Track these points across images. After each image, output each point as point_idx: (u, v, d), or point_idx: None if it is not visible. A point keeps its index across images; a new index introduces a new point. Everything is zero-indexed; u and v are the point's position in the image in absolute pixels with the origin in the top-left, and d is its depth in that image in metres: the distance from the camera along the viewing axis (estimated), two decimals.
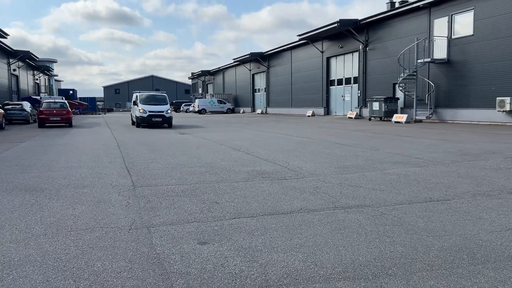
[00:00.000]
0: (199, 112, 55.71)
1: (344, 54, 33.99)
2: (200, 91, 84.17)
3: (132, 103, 26.00)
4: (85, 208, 5.64)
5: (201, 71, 77.00)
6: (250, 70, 56.06)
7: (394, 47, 27.16)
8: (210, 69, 74.24)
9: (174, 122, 26.33)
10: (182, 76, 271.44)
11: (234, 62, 58.53)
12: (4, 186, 7.13)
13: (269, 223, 4.93)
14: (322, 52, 36.84)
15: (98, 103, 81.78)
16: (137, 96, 24.84)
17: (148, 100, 24.31)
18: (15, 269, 3.62)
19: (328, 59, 36.54)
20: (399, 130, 18.64)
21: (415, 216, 5.13)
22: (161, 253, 4.00)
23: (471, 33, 21.72)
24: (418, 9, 25.02)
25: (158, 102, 24.45)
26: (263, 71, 51.83)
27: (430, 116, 23.92)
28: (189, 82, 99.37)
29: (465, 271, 3.49)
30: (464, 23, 22.23)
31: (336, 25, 29.99)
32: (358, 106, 31.60)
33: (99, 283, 3.35)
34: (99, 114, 61.84)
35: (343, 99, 34.63)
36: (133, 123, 25.98)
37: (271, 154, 10.93)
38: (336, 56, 35.32)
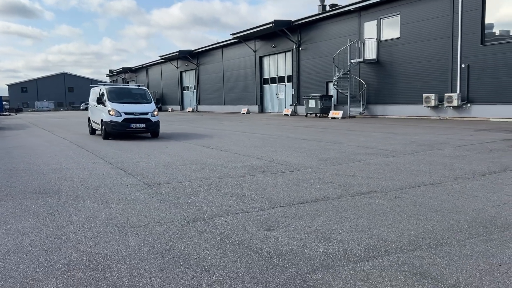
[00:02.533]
0: None
1: (277, 53, 35.24)
2: None
3: (93, 101, 17.30)
4: (122, 207, 5.72)
5: (122, 68, 74.23)
6: (177, 68, 55.42)
7: (326, 48, 28.86)
8: (132, 66, 71.97)
9: None
10: (90, 73, 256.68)
11: (161, 59, 57.43)
12: (7, 191, 6.81)
13: (308, 210, 5.46)
14: (255, 51, 37.79)
15: (4, 102, 74.99)
16: (103, 91, 15.99)
17: (121, 96, 15.77)
18: (119, 263, 3.78)
19: (261, 58, 37.58)
20: (341, 125, 20.05)
21: (424, 198, 5.99)
22: (240, 240, 4.37)
23: (398, 36, 23.94)
24: (349, 12, 26.89)
25: (136, 99, 16.11)
26: (192, 69, 51.57)
27: (363, 112, 25.93)
28: (107, 79, 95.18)
29: (498, 236, 4.34)
30: (392, 27, 24.41)
31: (271, 25, 31.04)
32: (293, 104, 33.03)
33: (212, 268, 3.67)
34: (8, 114, 56.96)
35: (277, 97, 35.92)
36: (92, 131, 17.59)
37: (247, 150, 11.39)
38: (269, 55, 36.47)
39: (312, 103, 27.85)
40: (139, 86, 17.15)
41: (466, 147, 10.94)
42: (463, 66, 20.66)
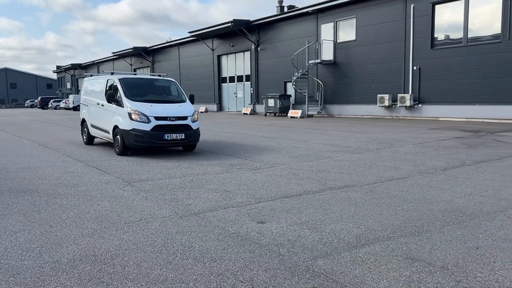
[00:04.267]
0: (74, 108, 51.99)
1: (235, 52, 35.40)
2: (68, 86, 78.18)
3: (91, 97, 12.15)
4: (109, 204, 5.72)
5: (71, 64, 71.61)
6: (131, 65, 54.15)
7: (285, 48, 29.40)
8: (82, 63, 69.53)
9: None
10: (32, 69, 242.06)
11: (114, 55, 55.89)
12: None
13: (293, 203, 5.73)
14: (213, 50, 37.75)
15: None
16: (114, 83, 10.69)
17: (142, 92, 10.70)
18: (125, 256, 3.85)
19: (219, 56, 37.59)
20: (302, 124, 20.58)
21: (396, 191, 6.44)
22: (237, 232, 4.55)
23: (354, 38, 24.86)
24: (306, 14, 27.55)
25: (164, 95, 11.23)
26: (147, 66, 50.62)
27: (320, 111, 26.70)
28: (54, 76, 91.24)
29: (470, 223, 4.81)
30: (348, 29, 25.31)
31: (230, 24, 31.17)
32: (252, 103, 33.36)
33: (219, 259, 3.83)
34: None
35: (236, 96, 36.11)
36: (89, 139, 12.42)
37: (217, 148, 11.52)
38: (227, 54, 36.56)
39: (271, 102, 28.29)
40: (160, 76, 11.92)
41: (423, 144, 11.67)
42: (414, 68, 21.83)
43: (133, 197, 6.09)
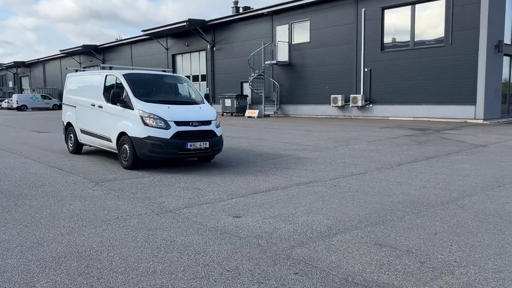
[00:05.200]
0: (19, 108, 49.52)
1: (191, 52, 35.24)
2: (10, 85, 74.29)
3: (78, 96, 10.16)
4: (82, 203, 5.71)
5: (14, 62, 68.12)
6: (80, 64, 52.30)
7: (241, 49, 29.67)
8: (26, 60, 66.32)
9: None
10: None
11: (61, 53, 53.78)
12: None
13: (264, 199, 5.98)
14: (167, 49, 37.33)
15: None
16: (118, 79, 8.75)
17: (153, 91, 9.07)
18: (110, 252, 3.94)
19: (174, 56, 37.24)
20: (260, 123, 20.93)
21: (358, 185, 6.87)
22: (215, 226, 4.74)
23: (308, 40, 25.58)
24: (262, 15, 27.97)
25: (179, 95, 9.55)
26: (97, 65, 49.13)
27: (277, 111, 27.21)
28: None
29: (427, 213, 5.28)
30: (302, 31, 25.99)
31: (185, 24, 30.99)
32: (208, 103, 33.33)
33: (203, 251, 4.01)
34: None
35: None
36: (77, 147, 10.35)
37: None
38: (182, 53, 36.31)
39: (228, 102, 28.47)
40: (166, 71, 10.08)
41: (377, 142, 12.33)
42: (365, 70, 22.81)
43: (104, 196, 6.10)
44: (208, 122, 8.35)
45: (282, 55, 26.78)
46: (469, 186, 6.65)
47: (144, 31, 36.08)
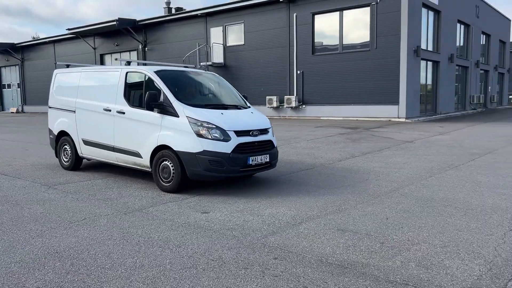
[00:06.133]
0: None
1: (121, 52, 34.20)
2: None
3: (86, 99, 7.98)
4: (41, 206, 5.58)
5: None
6: None
7: (174, 49, 29.44)
8: None
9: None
10: None
11: None
12: None
13: (227, 195, 6.25)
14: (94, 48, 35.90)
15: None
16: (136, 77, 7.29)
17: (194, 94, 7.61)
18: (90, 250, 3.99)
19: (102, 56, 35.91)
20: None
21: (309, 179, 7.35)
22: (187, 222, 4.93)
23: (243, 42, 26.09)
24: (196, 17, 27.99)
25: (221, 98, 7.86)
26: (15, 65, 45.86)
27: None
28: None
29: (375, 201, 5.87)
30: (237, 34, 26.43)
31: (115, 23, 30.07)
32: None
33: (182, 245, 4.20)
34: None
35: None
36: (76, 162, 8.32)
37: None
38: (111, 53, 35.11)
39: None
40: (188, 67, 8.55)
41: (315, 140, 13.06)
42: (298, 72, 23.80)
43: (63, 199, 5.99)
44: (266, 131, 6.96)
45: (217, 56, 27.03)
46: (405, 177, 7.42)
47: (69, 29, 34.41)
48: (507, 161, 8.82)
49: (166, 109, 6.53)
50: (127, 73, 7.29)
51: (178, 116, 6.40)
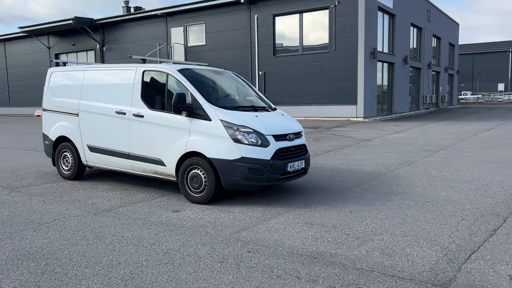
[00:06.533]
0: None
1: (77, 51, 33.24)
2: None
3: (91, 100, 7.17)
4: (6, 210, 5.49)
5: None
6: None
7: (134, 49, 28.91)
8: None
9: None
10: None
11: None
12: None
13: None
14: (49, 48, 34.69)
15: None
16: (157, 77, 6.56)
17: (221, 93, 6.90)
18: (64, 250, 4.00)
19: (57, 55, 34.71)
20: None
21: None
22: (158, 220, 5.00)
23: (204, 43, 26.08)
24: (156, 16, 27.68)
25: (248, 99, 7.16)
26: None
27: None
28: None
29: (339, 196, 6.16)
30: (198, 34, 26.39)
31: (71, 21, 29.20)
32: None
33: (157, 242, 4.29)
34: None
35: None
36: (78, 170, 7.44)
37: None
38: (67, 53, 34.03)
39: None
40: (201, 65, 7.97)
41: None
42: (260, 73, 24.09)
43: (28, 202, 5.88)
44: (300, 134, 6.44)
45: (178, 57, 26.88)
46: (366, 173, 7.79)
47: (22, 28, 33.08)
48: (458, 157, 9.42)
49: (196, 112, 5.90)
50: (144, 72, 6.57)
51: (210, 120, 5.80)
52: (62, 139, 7.59)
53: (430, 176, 7.43)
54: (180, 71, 6.33)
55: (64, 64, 8.05)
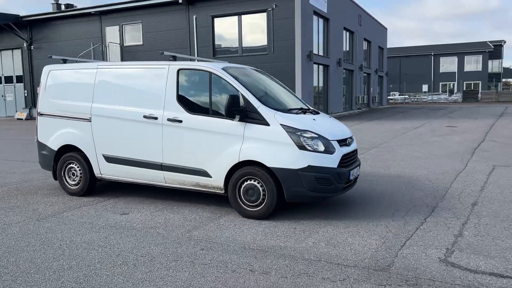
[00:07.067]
0: None
1: (1, 50, 31.08)
2: None
3: (108, 103, 6.20)
4: None
5: None
6: None
7: (66, 48, 27.58)
8: None
9: None
10: None
11: None
12: None
13: (144, 196, 6.31)
14: None
15: None
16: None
17: (268, 95, 6.05)
18: (9, 257, 3.87)
19: None
20: None
21: None
22: (106, 224, 4.96)
23: (141, 43, 25.51)
24: (89, 15, 26.62)
25: (289, 100, 6.32)
26: None
27: None
28: None
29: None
30: (135, 33, 25.75)
31: None
32: (28, 107, 30.00)
33: (112, 244, 4.26)
34: None
35: (5, 100, 31.71)
36: (91, 183, 6.39)
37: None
38: None
39: None
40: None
41: None
42: None
43: None
44: (352, 139, 5.89)
45: (114, 57, 26.07)
46: None
47: None
48: (390, 153, 10.12)
49: (250, 116, 5.26)
50: (179, 70, 5.78)
51: (268, 125, 5.18)
52: (67, 149, 6.53)
53: (365, 172, 7.93)
54: (225, 69, 5.67)
55: (64, 61, 7.04)
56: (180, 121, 5.59)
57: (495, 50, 57.83)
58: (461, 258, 3.85)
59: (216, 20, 23.53)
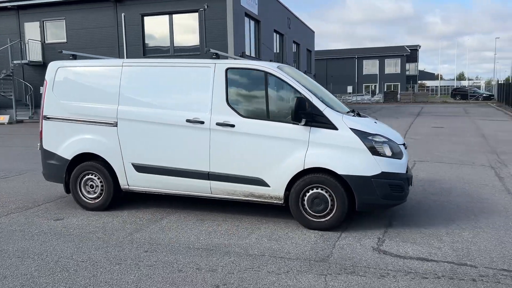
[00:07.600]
0: None
1: None
2: None
3: (140, 105, 5.44)
4: None
5: None
6: None
7: None
8: None
9: None
10: None
11: None
12: None
13: (74, 203, 6.07)
14: None
15: None
16: (254, 75, 5.24)
17: (322, 95, 5.45)
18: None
19: None
20: (19, 130, 18.76)
21: None
22: (40, 230, 4.74)
23: (65, 40, 24.16)
24: (5, 9, 24.64)
25: (334, 100, 5.86)
26: None
27: (32, 116, 24.63)
28: None
29: None
30: (58, 30, 24.33)
31: None
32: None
33: (45, 252, 4.08)
34: None
35: None
36: (115, 195, 5.57)
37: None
38: None
39: None
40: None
41: None
42: None
43: None
44: (404, 146, 5.45)
45: (35, 54, 24.46)
46: None
47: None
48: None
49: (316, 120, 4.85)
50: (227, 69, 5.23)
51: (336, 129, 4.82)
52: (84, 157, 5.68)
53: None
54: (280, 68, 5.24)
55: (74, 57, 6.10)
56: (232, 126, 5.07)
57: (411, 54, 62.33)
58: (391, 246, 4.20)
59: (146, 18, 22.94)
